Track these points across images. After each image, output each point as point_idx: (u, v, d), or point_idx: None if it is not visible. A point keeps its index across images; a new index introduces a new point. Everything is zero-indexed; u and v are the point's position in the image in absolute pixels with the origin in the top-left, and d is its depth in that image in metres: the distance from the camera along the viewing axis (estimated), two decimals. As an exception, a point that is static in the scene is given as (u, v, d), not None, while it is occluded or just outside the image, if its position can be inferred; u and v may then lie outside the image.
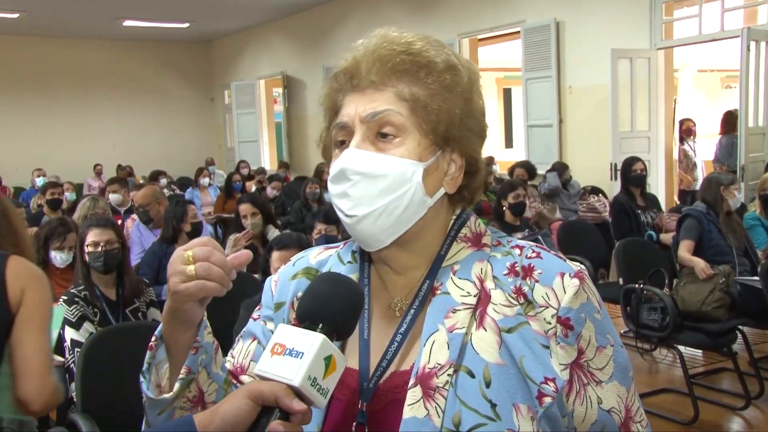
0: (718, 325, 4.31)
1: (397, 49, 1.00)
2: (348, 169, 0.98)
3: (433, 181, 1.01)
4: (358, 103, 1.01)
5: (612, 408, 0.98)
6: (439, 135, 1.00)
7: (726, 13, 7.51)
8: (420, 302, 1.01)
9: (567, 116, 8.90)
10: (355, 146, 0.99)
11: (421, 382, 0.95)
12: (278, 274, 1.17)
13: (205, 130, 17.50)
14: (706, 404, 4.33)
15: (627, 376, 1.01)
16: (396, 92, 0.99)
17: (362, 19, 12.14)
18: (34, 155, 14.47)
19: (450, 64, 1.02)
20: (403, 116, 0.99)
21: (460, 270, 1.01)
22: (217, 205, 9.58)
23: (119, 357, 2.98)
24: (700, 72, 14.83)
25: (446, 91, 1.00)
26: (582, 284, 0.98)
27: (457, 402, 0.93)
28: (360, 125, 1.00)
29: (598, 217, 7.06)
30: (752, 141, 6.93)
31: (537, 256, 1.01)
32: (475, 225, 1.07)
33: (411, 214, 1.00)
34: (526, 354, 0.95)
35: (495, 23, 9.77)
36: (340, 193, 1.00)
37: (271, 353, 0.88)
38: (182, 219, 4.94)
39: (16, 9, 12.45)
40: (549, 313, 0.96)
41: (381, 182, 0.97)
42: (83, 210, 5.75)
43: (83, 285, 3.50)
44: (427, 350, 0.96)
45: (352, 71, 1.02)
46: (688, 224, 4.92)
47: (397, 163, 0.98)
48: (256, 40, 15.37)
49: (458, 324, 0.97)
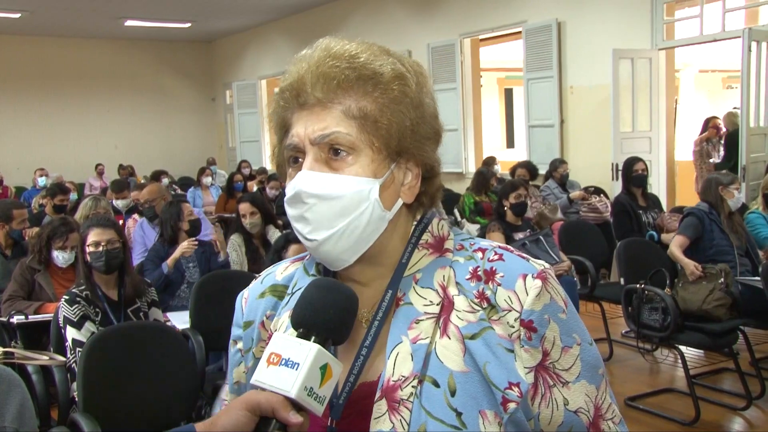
0: (720, 325, 4.31)
1: (341, 65, 0.97)
2: (303, 192, 0.96)
3: (390, 194, 0.99)
4: (306, 123, 0.98)
5: (579, 408, 0.98)
6: (392, 149, 0.98)
7: (727, 14, 7.51)
8: (384, 313, 1.00)
9: (568, 116, 8.91)
10: (308, 168, 0.97)
11: (386, 395, 0.95)
12: (248, 290, 1.15)
13: (207, 130, 17.51)
14: (707, 404, 4.33)
15: (596, 373, 1.00)
16: (343, 110, 0.97)
17: (364, 19, 12.14)
18: (35, 155, 14.49)
19: (397, 73, 0.99)
20: (353, 136, 0.96)
21: (422, 279, 1.00)
22: (218, 204, 9.60)
23: (121, 357, 2.99)
24: (701, 72, 14.82)
25: (394, 103, 0.97)
26: (545, 284, 0.97)
27: (423, 413, 0.93)
28: (311, 147, 0.97)
29: (599, 217, 7.06)
30: (753, 141, 6.92)
31: (499, 258, 1.00)
32: (437, 228, 1.05)
33: (371, 231, 0.98)
34: (490, 360, 0.94)
35: (496, 23, 9.77)
36: (297, 216, 0.98)
37: (267, 363, 0.88)
38: (179, 218, 4.93)
39: (18, 9, 12.46)
40: (512, 317, 0.96)
41: (338, 203, 0.96)
42: (85, 210, 5.76)
43: (84, 285, 3.50)
44: (392, 362, 0.96)
45: (297, 88, 0.99)
46: (688, 222, 4.93)
47: (352, 182, 0.96)
48: (257, 40, 15.37)
49: (422, 334, 0.96)
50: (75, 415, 2.85)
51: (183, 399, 3.04)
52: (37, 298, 4.28)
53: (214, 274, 4.48)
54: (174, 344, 3.16)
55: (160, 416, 2.95)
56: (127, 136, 16.18)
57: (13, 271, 4.45)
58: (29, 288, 4.31)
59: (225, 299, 4.15)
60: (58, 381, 3.32)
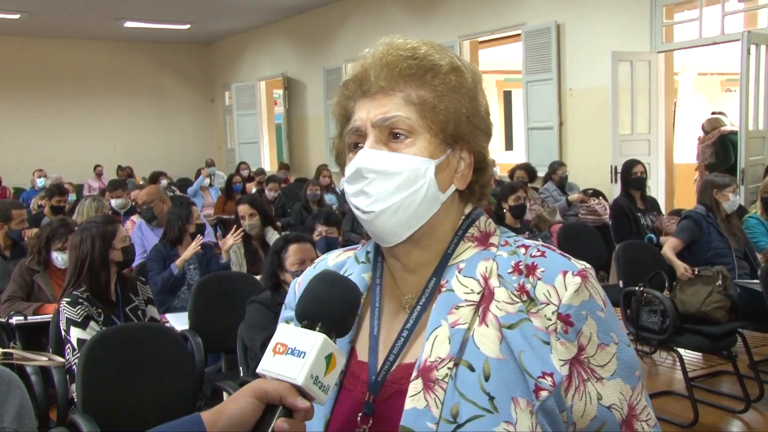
0: (718, 328, 4.31)
1: (404, 55, 1.05)
2: (363, 168, 1.03)
3: (445, 177, 1.05)
4: (369, 108, 1.05)
5: (612, 404, 1.00)
6: (448, 134, 1.05)
7: (726, 17, 7.52)
8: (426, 299, 1.05)
9: (567, 119, 8.92)
10: (369, 147, 1.04)
11: (423, 374, 0.99)
12: (302, 276, 1.22)
13: (206, 131, 17.52)
14: (705, 407, 4.33)
15: (632, 374, 1.02)
16: (404, 97, 1.04)
17: (363, 22, 12.16)
18: (34, 156, 14.50)
19: (454, 66, 1.06)
20: (412, 120, 1.03)
21: (465, 268, 1.05)
22: (217, 206, 9.60)
23: (120, 358, 2.99)
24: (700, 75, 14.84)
25: (452, 91, 1.05)
26: (585, 282, 1.00)
27: (456, 394, 0.96)
28: (372, 129, 1.04)
29: (598, 219, 7.06)
30: (752, 144, 6.93)
31: (541, 255, 1.04)
32: (484, 224, 1.10)
33: (425, 209, 1.04)
34: (526, 349, 0.97)
35: (496, 26, 9.78)
36: (356, 192, 1.04)
37: (273, 352, 0.91)
38: (187, 220, 4.92)
39: (18, 10, 12.47)
40: (550, 310, 0.99)
41: (396, 179, 1.02)
42: (90, 211, 5.73)
43: (85, 286, 3.48)
44: (430, 344, 1.00)
45: (361, 78, 1.07)
46: (684, 225, 4.94)
47: (410, 160, 1.02)
48: (256, 42, 15.38)
49: (461, 320, 1.00)
50: (74, 416, 2.85)
51: (182, 400, 3.03)
52: (36, 299, 4.28)
53: (213, 275, 4.48)
54: (173, 345, 3.16)
55: (159, 417, 2.93)
56: (126, 137, 16.18)
57: (12, 272, 4.45)
58: (28, 289, 4.31)
59: (224, 301, 4.17)
60: (57, 382, 3.31)
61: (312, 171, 11.39)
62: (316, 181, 8.90)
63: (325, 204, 8.15)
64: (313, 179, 9.12)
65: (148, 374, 3.02)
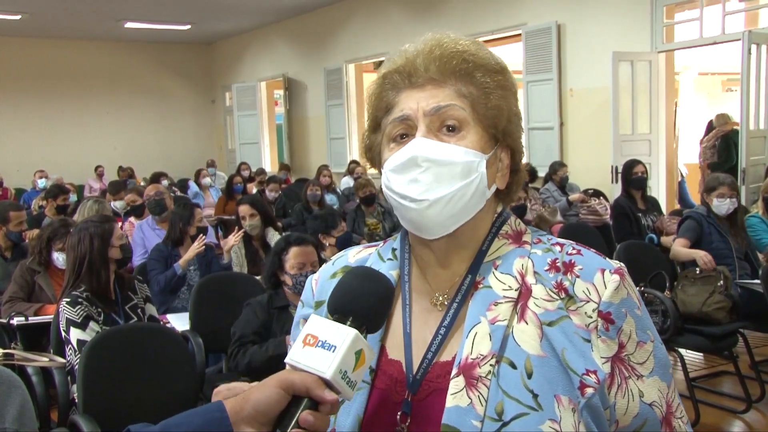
0: (719, 328, 4.31)
1: (456, 50, 1.04)
2: (419, 156, 1.00)
3: (492, 174, 1.05)
4: (419, 98, 1.04)
5: (653, 402, 1.00)
6: (499, 130, 1.05)
7: (727, 17, 7.52)
8: (463, 296, 1.04)
9: (568, 119, 8.91)
10: (422, 136, 1.02)
11: (464, 372, 0.97)
12: (319, 273, 1.20)
13: (206, 132, 17.52)
14: (706, 407, 4.33)
15: (667, 372, 1.03)
16: (456, 89, 1.03)
17: (363, 22, 12.16)
18: (35, 156, 14.50)
19: (502, 66, 1.08)
20: (466, 111, 1.03)
21: (501, 265, 1.04)
22: (218, 206, 9.60)
23: (121, 358, 2.99)
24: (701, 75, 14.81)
25: (501, 89, 1.05)
26: (622, 280, 1.00)
27: (500, 392, 0.95)
28: (423, 118, 1.03)
29: (598, 219, 7.06)
30: (753, 144, 6.93)
31: (577, 253, 1.04)
32: (515, 223, 1.10)
33: (475, 203, 1.03)
34: (568, 347, 0.96)
35: (496, 26, 9.78)
36: (408, 180, 1.01)
37: (303, 344, 0.90)
38: (189, 222, 4.93)
39: (18, 11, 12.47)
40: (590, 308, 0.98)
41: (451, 169, 1.00)
42: (91, 212, 5.73)
43: (85, 286, 3.48)
44: (470, 341, 0.99)
45: (409, 70, 1.05)
46: (687, 225, 4.95)
47: (464, 152, 1.02)
48: (257, 42, 15.38)
49: (500, 316, 0.99)
50: (75, 417, 2.85)
51: (182, 401, 3.03)
52: (37, 300, 4.28)
53: (214, 276, 4.48)
54: (174, 346, 3.16)
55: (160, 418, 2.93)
56: (127, 138, 16.19)
57: (13, 273, 4.45)
58: (29, 289, 4.31)
59: (225, 301, 4.17)
60: (58, 382, 3.31)
61: (313, 171, 11.39)
62: (317, 181, 8.90)
63: (325, 204, 8.15)
64: (314, 179, 9.12)
65: (149, 375, 3.02)
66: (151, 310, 3.76)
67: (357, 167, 10.25)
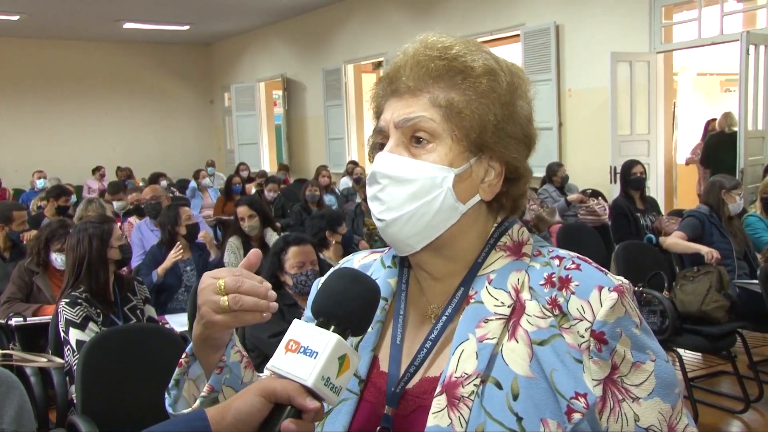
0: (718, 328, 4.31)
1: (433, 54, 1.00)
2: (378, 172, 0.99)
3: (467, 187, 1.00)
4: (394, 108, 1.02)
5: (651, 426, 0.95)
6: (472, 141, 0.99)
7: (725, 17, 7.52)
8: (453, 309, 1.00)
9: (567, 119, 8.92)
10: (389, 150, 1.00)
11: (447, 390, 0.94)
12: (326, 276, 1.18)
13: (205, 132, 17.51)
14: (705, 407, 4.33)
15: (672, 392, 0.97)
16: (431, 98, 0.99)
17: (362, 22, 12.16)
18: (33, 157, 14.48)
19: (488, 68, 1.00)
20: (436, 122, 0.98)
21: (495, 279, 1.00)
22: (216, 207, 9.59)
23: (119, 359, 2.98)
24: (699, 75, 14.83)
25: (481, 96, 0.99)
26: (621, 298, 0.95)
27: (483, 413, 0.91)
28: (394, 130, 1.01)
29: (597, 220, 7.06)
30: (751, 144, 6.94)
31: (576, 268, 0.99)
32: (517, 234, 1.04)
33: (442, 219, 0.99)
34: (558, 368, 0.92)
35: (495, 26, 9.78)
36: (372, 196, 1.01)
37: (285, 350, 0.88)
38: (176, 222, 4.86)
39: (17, 11, 12.46)
40: (583, 327, 0.94)
41: (409, 187, 0.97)
42: (86, 212, 5.73)
43: (84, 287, 3.48)
44: (456, 359, 0.95)
45: (392, 76, 1.03)
46: (689, 221, 4.96)
47: (427, 168, 0.98)
48: (256, 43, 15.38)
49: (489, 334, 0.95)
50: (73, 417, 2.85)
51: (181, 401, 3.03)
52: (36, 300, 4.28)
53: (213, 276, 4.46)
54: (172, 346, 3.15)
55: (158, 419, 2.93)
56: (126, 139, 16.18)
57: (12, 274, 4.45)
58: (27, 290, 4.31)
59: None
60: (57, 383, 3.31)
61: (311, 172, 11.38)
62: (316, 181, 8.89)
63: (324, 205, 8.15)
64: (313, 180, 9.12)
65: (148, 376, 3.02)
66: (150, 312, 3.76)
67: (356, 168, 10.24)
